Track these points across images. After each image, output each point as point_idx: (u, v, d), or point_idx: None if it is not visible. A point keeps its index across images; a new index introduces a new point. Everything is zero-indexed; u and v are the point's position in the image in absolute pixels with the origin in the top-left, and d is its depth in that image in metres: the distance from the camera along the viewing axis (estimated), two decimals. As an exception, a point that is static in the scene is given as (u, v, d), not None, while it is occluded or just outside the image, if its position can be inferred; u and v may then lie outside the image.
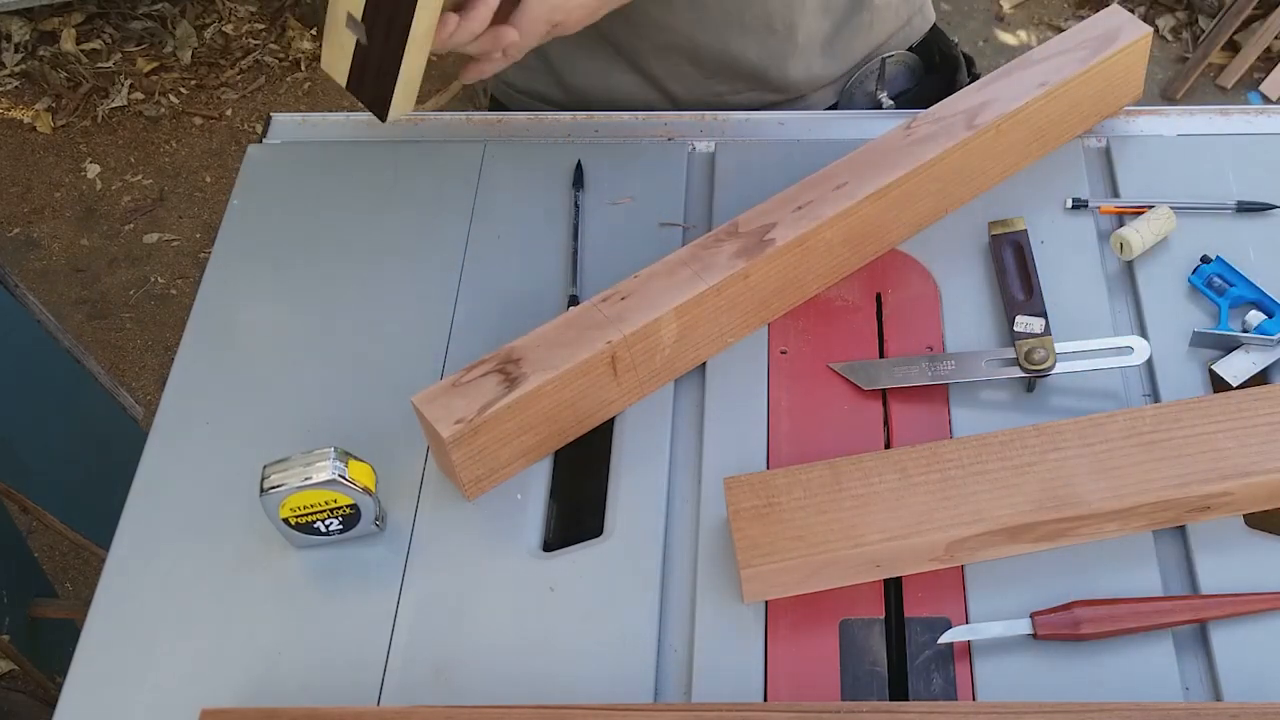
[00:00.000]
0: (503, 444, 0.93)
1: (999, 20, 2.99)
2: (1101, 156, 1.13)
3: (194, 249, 2.70)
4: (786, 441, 0.96)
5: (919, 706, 0.79)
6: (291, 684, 0.87)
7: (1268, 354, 0.97)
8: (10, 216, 2.79)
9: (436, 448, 0.93)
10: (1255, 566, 0.86)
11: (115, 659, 0.89)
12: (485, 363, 0.92)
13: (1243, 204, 1.06)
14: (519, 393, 0.90)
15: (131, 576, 0.93)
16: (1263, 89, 2.75)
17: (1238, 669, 0.82)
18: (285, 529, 0.91)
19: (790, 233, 0.98)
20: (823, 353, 1.00)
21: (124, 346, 2.55)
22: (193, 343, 1.07)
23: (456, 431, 0.89)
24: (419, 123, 1.22)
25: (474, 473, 0.93)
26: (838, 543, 0.84)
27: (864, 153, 1.03)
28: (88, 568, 2.11)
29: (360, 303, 1.08)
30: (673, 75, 1.22)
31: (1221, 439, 0.86)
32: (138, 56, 3.08)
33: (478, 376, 0.91)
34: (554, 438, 0.96)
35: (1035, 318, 0.98)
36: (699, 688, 0.84)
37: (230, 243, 1.14)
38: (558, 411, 0.94)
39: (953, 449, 0.88)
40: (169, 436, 1.01)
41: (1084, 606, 0.83)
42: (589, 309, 0.95)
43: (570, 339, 0.93)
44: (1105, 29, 1.08)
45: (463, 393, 0.91)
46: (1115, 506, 0.85)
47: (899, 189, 1.01)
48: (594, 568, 0.91)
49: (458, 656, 0.87)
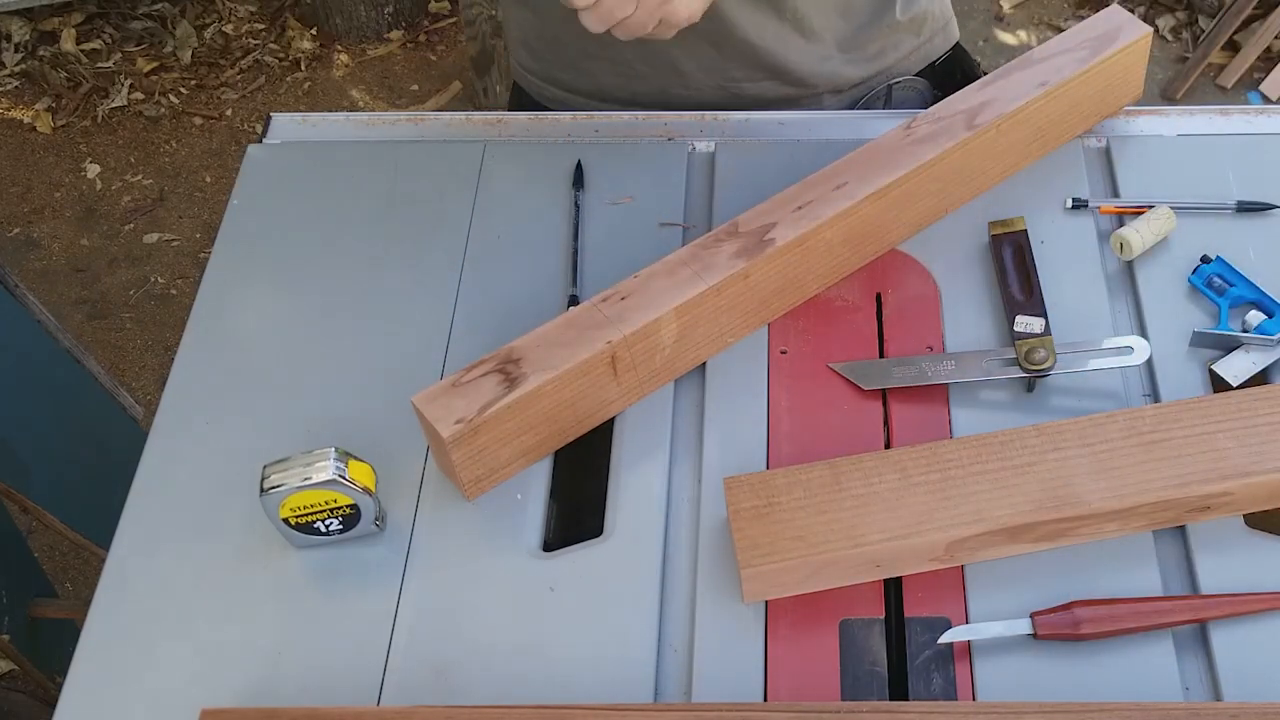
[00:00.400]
0: (503, 444, 0.93)
1: (999, 20, 2.99)
2: (1101, 156, 1.13)
3: (194, 249, 2.70)
4: (786, 441, 0.96)
5: (919, 706, 0.79)
6: (291, 684, 0.87)
7: (1268, 354, 0.97)
8: (10, 216, 2.79)
9: (436, 448, 0.93)
10: (1255, 566, 0.86)
11: (115, 659, 0.89)
12: (485, 363, 0.92)
13: (1243, 204, 1.06)
14: (519, 393, 0.90)
15: (131, 576, 0.93)
16: (1263, 89, 2.75)
17: (1238, 669, 0.82)
18: (285, 529, 0.91)
19: (790, 233, 0.98)
20: (823, 353, 1.00)
21: (124, 346, 2.55)
22: (193, 343, 1.07)
23: (456, 431, 0.89)
24: (419, 123, 1.22)
25: (474, 473, 0.93)
26: (838, 543, 0.84)
27: (864, 152, 1.03)
28: (88, 568, 2.11)
29: (360, 302, 1.08)
30: (690, 54, 1.21)
31: (1221, 439, 0.86)
32: (138, 56, 3.09)
33: (478, 376, 0.91)
34: (554, 438, 0.96)
35: (1035, 318, 0.98)
36: (699, 688, 0.84)
37: (230, 243, 1.14)
38: (558, 411, 0.94)
39: (953, 449, 0.88)
40: (169, 436, 1.01)
41: (1084, 606, 0.83)
42: (589, 309, 0.95)
43: (570, 339, 0.93)
44: (1105, 29, 1.08)
45: (463, 393, 0.91)
46: (1115, 506, 0.85)
47: (899, 189, 1.01)
48: (594, 568, 0.91)
49: (458, 656, 0.87)
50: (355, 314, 1.07)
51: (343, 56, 3.08)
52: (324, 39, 3.12)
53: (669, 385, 1.00)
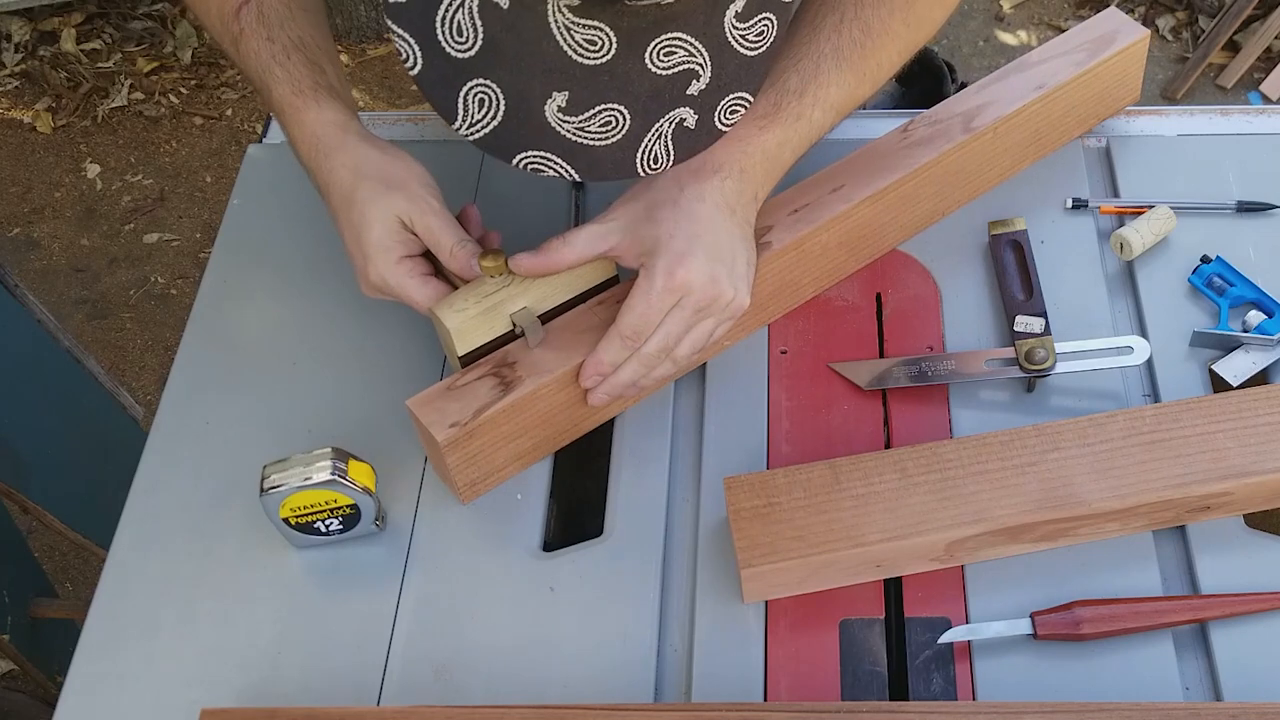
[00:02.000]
0: (498, 447, 0.92)
1: (999, 20, 2.99)
2: (1101, 156, 1.13)
3: (194, 249, 2.70)
4: (786, 441, 0.96)
5: (919, 706, 0.79)
6: (291, 684, 0.87)
7: (1268, 354, 0.97)
8: (10, 216, 2.79)
9: (432, 451, 0.93)
10: (1255, 566, 0.86)
11: (115, 659, 0.89)
12: (480, 366, 0.92)
13: (1243, 204, 1.06)
14: (514, 396, 0.90)
15: (131, 576, 0.93)
16: (1263, 89, 2.75)
17: (1238, 669, 0.82)
18: (285, 529, 0.91)
19: (787, 236, 0.97)
20: (823, 353, 1.00)
21: (124, 346, 2.55)
22: (193, 343, 1.07)
23: (451, 435, 0.88)
24: (419, 123, 1.22)
25: (469, 476, 0.93)
26: (838, 543, 0.84)
27: (860, 156, 1.03)
28: (88, 568, 2.11)
29: (360, 303, 1.07)
30: None
31: (1221, 439, 0.86)
32: (138, 56, 3.09)
33: (472, 380, 0.91)
34: (550, 441, 0.96)
35: (1035, 318, 0.98)
36: (699, 688, 0.84)
37: (230, 243, 1.14)
38: (553, 415, 0.94)
39: (953, 449, 0.88)
40: (169, 436, 1.01)
41: (1084, 606, 0.83)
42: (584, 313, 0.94)
43: (568, 342, 0.93)
44: (1103, 32, 1.08)
45: (457, 396, 0.90)
46: (1115, 506, 0.85)
47: (895, 192, 1.01)
48: (594, 568, 0.91)
49: (458, 656, 0.87)
50: (355, 314, 1.07)
51: (343, 56, 3.09)
52: (324, 39, 3.12)
53: (669, 385, 1.00)
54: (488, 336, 0.91)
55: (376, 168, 0.90)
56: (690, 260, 0.86)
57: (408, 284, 0.90)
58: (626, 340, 0.89)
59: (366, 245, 0.89)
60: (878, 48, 0.94)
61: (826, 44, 0.92)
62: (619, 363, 0.91)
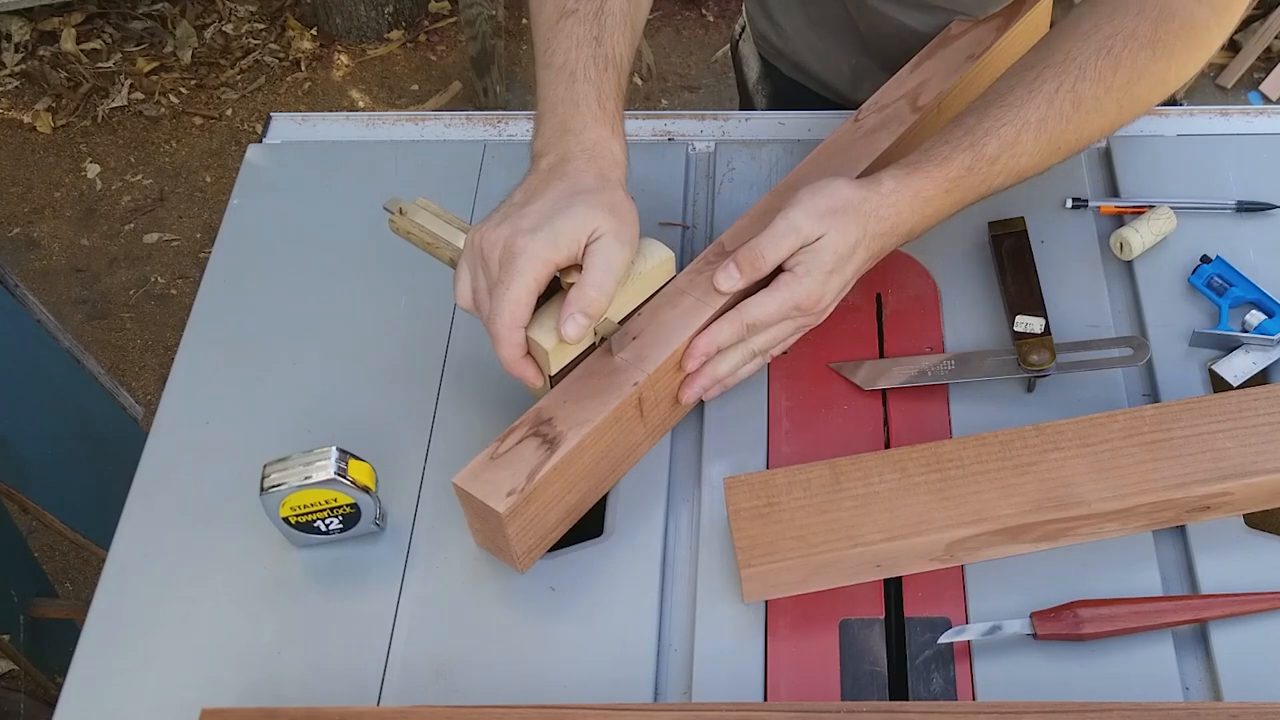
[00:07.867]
0: (550, 508, 0.89)
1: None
2: (1101, 156, 1.13)
3: (194, 249, 2.70)
4: (786, 441, 0.96)
5: (919, 706, 0.79)
6: (291, 684, 0.87)
7: (1268, 354, 0.97)
8: (10, 216, 2.79)
9: (484, 525, 0.89)
10: (1255, 566, 0.86)
11: (115, 659, 0.89)
12: (516, 430, 0.88)
13: (1243, 204, 1.06)
14: (563, 451, 0.87)
15: (131, 576, 0.93)
16: (1263, 89, 2.75)
17: (1238, 669, 0.82)
18: (285, 528, 0.91)
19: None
20: (822, 353, 1.00)
21: (124, 346, 2.55)
22: (193, 343, 1.07)
23: (511, 504, 0.84)
24: (419, 123, 1.22)
25: (526, 544, 0.89)
26: (838, 543, 0.84)
27: (821, 153, 1.03)
28: (88, 568, 2.11)
29: (360, 303, 1.08)
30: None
31: (1221, 439, 0.86)
32: (138, 56, 3.09)
33: (514, 444, 0.88)
34: (592, 493, 0.93)
35: (1035, 318, 0.98)
36: (699, 688, 0.84)
37: (230, 243, 1.14)
38: (595, 465, 0.91)
39: (953, 449, 0.88)
40: (169, 436, 1.01)
41: (1084, 606, 0.83)
42: (602, 356, 0.92)
43: (595, 388, 0.90)
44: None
45: (505, 464, 0.87)
46: (1115, 506, 0.85)
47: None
48: (594, 568, 0.91)
49: (458, 656, 0.87)
50: (355, 314, 1.07)
51: (343, 56, 3.08)
52: (324, 39, 3.12)
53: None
54: (578, 350, 0.91)
55: (618, 201, 0.89)
56: (834, 279, 0.92)
57: (521, 285, 0.85)
58: (747, 328, 0.92)
59: (551, 220, 0.85)
60: (1084, 123, 0.94)
61: (1034, 113, 0.93)
62: (726, 346, 0.93)
